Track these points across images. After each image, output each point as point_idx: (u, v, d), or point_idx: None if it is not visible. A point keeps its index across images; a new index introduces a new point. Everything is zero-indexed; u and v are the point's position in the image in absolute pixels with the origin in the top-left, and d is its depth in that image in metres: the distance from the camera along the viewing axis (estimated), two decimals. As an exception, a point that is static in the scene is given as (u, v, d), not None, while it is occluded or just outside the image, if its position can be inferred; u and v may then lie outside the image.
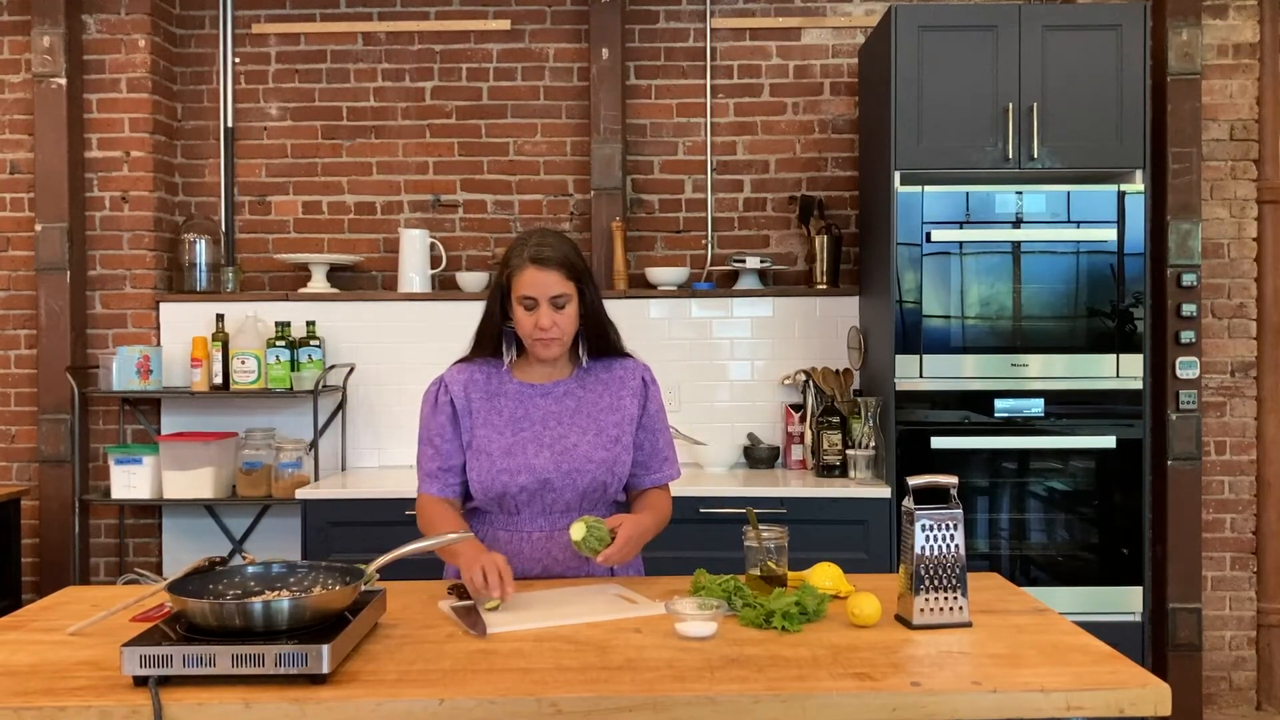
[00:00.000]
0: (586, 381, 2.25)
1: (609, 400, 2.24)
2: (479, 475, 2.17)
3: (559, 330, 2.14)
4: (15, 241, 4.06)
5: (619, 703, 1.49)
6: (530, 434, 2.18)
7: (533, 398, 2.22)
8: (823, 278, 3.97)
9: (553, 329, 2.13)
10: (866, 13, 4.12)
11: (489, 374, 2.24)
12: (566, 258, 2.14)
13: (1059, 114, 3.42)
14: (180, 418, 4.07)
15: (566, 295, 2.13)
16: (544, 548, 2.20)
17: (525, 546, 2.19)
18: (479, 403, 2.21)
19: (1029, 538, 3.52)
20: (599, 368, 2.27)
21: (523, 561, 2.18)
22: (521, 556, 2.19)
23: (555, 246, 2.14)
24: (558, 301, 2.12)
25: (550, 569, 2.20)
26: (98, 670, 1.62)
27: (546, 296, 2.12)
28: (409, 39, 4.19)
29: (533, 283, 2.11)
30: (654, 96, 4.17)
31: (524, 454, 2.16)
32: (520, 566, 2.18)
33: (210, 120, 4.21)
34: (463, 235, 4.18)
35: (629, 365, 2.29)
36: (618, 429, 2.21)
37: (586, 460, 2.17)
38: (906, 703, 1.49)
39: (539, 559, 2.20)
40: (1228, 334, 4.00)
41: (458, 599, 1.97)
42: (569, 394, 2.23)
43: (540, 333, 2.13)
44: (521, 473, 2.15)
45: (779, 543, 2.02)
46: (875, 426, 3.58)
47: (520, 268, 2.12)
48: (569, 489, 2.17)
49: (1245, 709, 4.00)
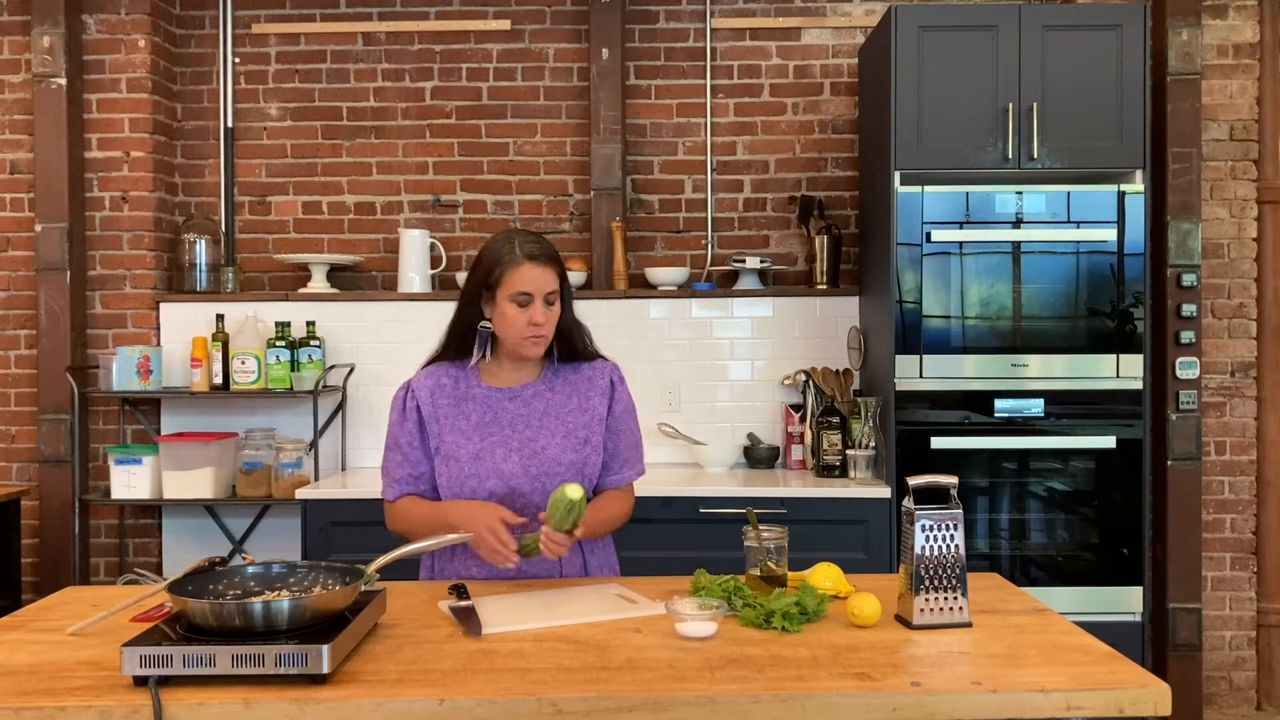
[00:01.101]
0: (555, 384, 2.25)
1: (578, 401, 2.23)
2: (448, 481, 2.17)
3: (550, 327, 2.16)
4: (15, 241, 4.06)
5: (619, 703, 1.49)
6: (499, 438, 2.17)
7: (501, 401, 2.21)
8: (823, 278, 3.97)
9: (545, 325, 2.14)
10: (866, 13, 4.12)
11: (456, 378, 2.23)
12: (556, 255, 2.18)
13: (1059, 114, 3.42)
14: (180, 418, 4.07)
15: (556, 293, 2.16)
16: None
17: None
18: (446, 408, 2.20)
19: (1029, 538, 3.52)
20: (567, 370, 2.27)
21: (495, 569, 2.15)
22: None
23: (544, 244, 2.17)
24: (549, 298, 2.14)
25: (526, 573, 2.17)
26: (98, 670, 1.62)
27: (542, 293, 2.13)
28: (409, 39, 4.19)
29: (529, 279, 2.12)
30: (654, 96, 4.17)
31: (492, 459, 2.15)
32: (497, 571, 2.15)
33: (210, 120, 4.21)
34: (463, 235, 4.18)
35: (598, 366, 2.28)
36: (587, 430, 2.20)
37: (555, 463, 2.16)
38: (906, 703, 1.49)
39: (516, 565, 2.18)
40: (1228, 334, 4.00)
41: (457, 599, 1.97)
42: (538, 396, 2.22)
43: (534, 329, 2.13)
44: (490, 478, 2.14)
45: (779, 543, 2.02)
46: (875, 427, 3.58)
47: (515, 264, 2.12)
48: (538, 493, 2.15)
49: (1245, 709, 4.00)
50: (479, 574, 2.20)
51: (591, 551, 2.27)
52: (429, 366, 2.27)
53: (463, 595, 1.98)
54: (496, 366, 2.25)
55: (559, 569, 2.20)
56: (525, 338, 2.15)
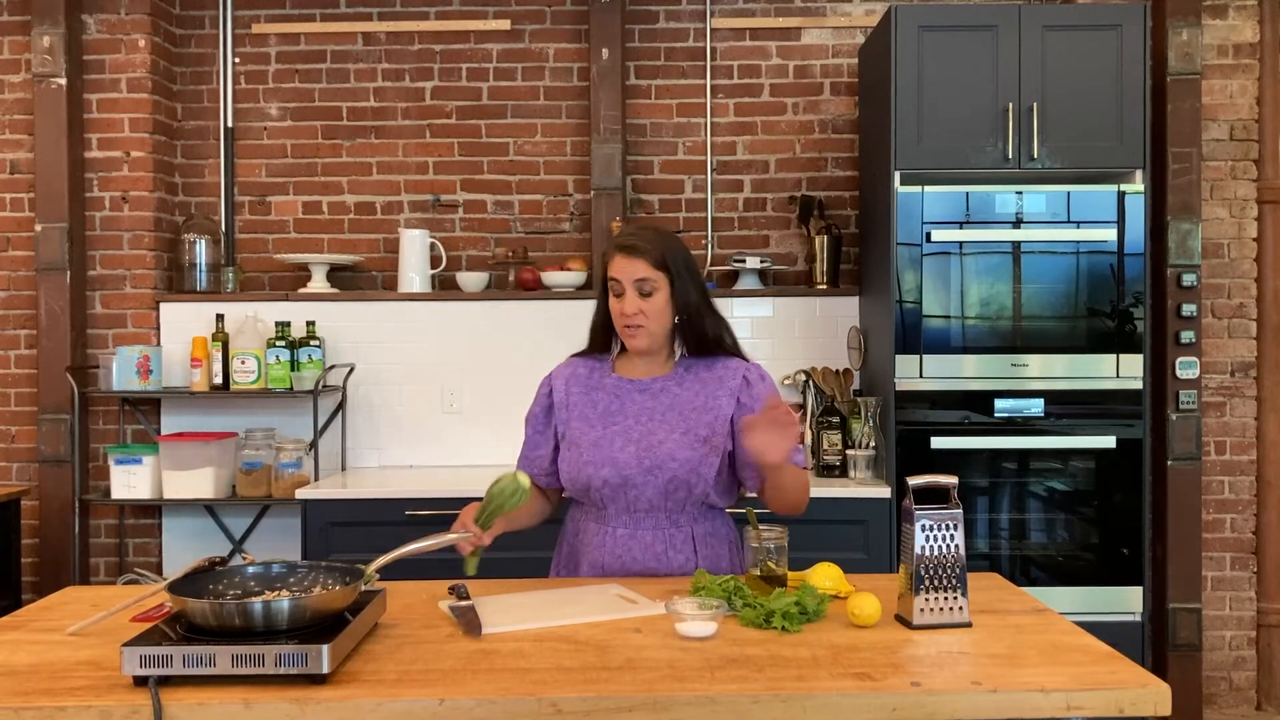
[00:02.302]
0: (685, 379, 2.25)
1: (704, 400, 2.22)
2: (567, 466, 2.22)
3: (644, 318, 2.16)
4: (15, 241, 4.06)
5: (619, 703, 1.49)
6: (620, 428, 2.21)
7: (630, 393, 2.24)
8: (823, 278, 3.97)
9: (637, 315, 2.15)
10: (866, 13, 4.12)
11: (592, 368, 2.30)
12: (655, 246, 2.16)
13: (1059, 114, 3.42)
14: (180, 418, 4.07)
15: (652, 282, 2.15)
16: (625, 545, 2.20)
17: (609, 541, 2.20)
18: (577, 395, 2.26)
19: (1029, 538, 3.52)
20: (700, 366, 2.26)
21: (605, 556, 2.20)
22: (604, 551, 2.20)
23: (645, 237, 2.19)
24: (642, 287, 2.15)
25: (629, 567, 2.19)
26: (98, 670, 1.62)
27: (631, 280, 2.15)
28: (409, 39, 4.19)
29: (618, 267, 2.16)
30: (654, 96, 4.17)
31: (610, 447, 2.18)
32: (603, 561, 2.19)
33: (210, 120, 4.21)
34: (463, 235, 4.18)
35: (733, 364, 2.26)
36: (708, 429, 2.19)
37: (669, 458, 2.15)
38: (906, 703, 1.49)
39: (619, 555, 2.20)
40: (1228, 334, 4.00)
41: (457, 599, 1.97)
42: (665, 391, 2.24)
43: (625, 319, 2.16)
44: (605, 466, 2.17)
45: (779, 543, 2.01)
46: (875, 426, 3.58)
47: (610, 254, 2.19)
48: (650, 485, 2.16)
49: (1245, 709, 4.00)
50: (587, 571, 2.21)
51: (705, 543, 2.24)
52: (573, 357, 2.35)
53: (462, 596, 1.98)
54: (629, 359, 2.29)
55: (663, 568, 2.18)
56: (622, 327, 2.19)
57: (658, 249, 2.16)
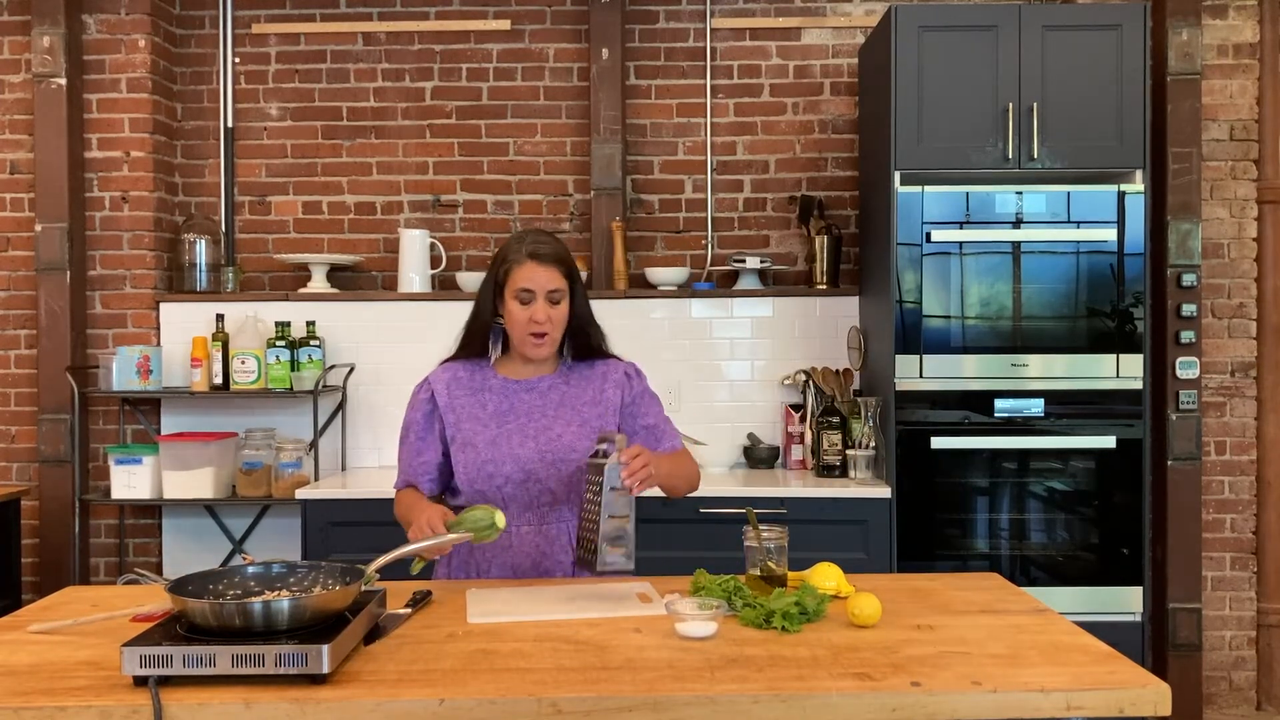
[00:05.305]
0: (570, 377, 2.30)
1: (592, 394, 2.27)
2: (465, 468, 2.21)
3: (552, 325, 2.19)
4: (15, 241, 4.06)
5: (619, 703, 1.49)
6: (515, 426, 2.22)
7: (517, 392, 2.26)
8: (823, 278, 3.97)
9: (546, 323, 2.18)
10: (866, 13, 4.12)
11: (472, 371, 2.29)
12: (562, 255, 2.22)
13: (1059, 114, 3.42)
14: (180, 418, 4.07)
15: (561, 291, 2.19)
16: (534, 542, 2.21)
17: (515, 542, 2.21)
18: (463, 398, 2.26)
19: (1029, 538, 3.52)
20: (583, 366, 2.32)
21: (515, 557, 2.20)
22: (513, 552, 2.21)
23: (551, 244, 2.23)
24: (553, 296, 2.19)
25: (541, 564, 2.21)
26: (98, 670, 1.62)
27: (544, 290, 2.18)
28: (409, 39, 4.19)
29: (531, 276, 2.17)
30: (654, 96, 4.17)
31: (509, 444, 2.19)
32: (514, 563, 2.20)
33: (210, 120, 4.21)
34: (463, 235, 4.18)
35: (612, 363, 2.33)
36: (601, 420, 2.25)
37: (570, 450, 2.19)
38: (906, 703, 1.49)
39: (529, 554, 2.21)
40: (1228, 334, 4.00)
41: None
42: (553, 388, 2.27)
43: (535, 326, 2.18)
44: (506, 463, 2.18)
45: (779, 543, 2.02)
46: (875, 427, 3.58)
47: (519, 262, 2.19)
48: (553, 479, 2.19)
49: (1245, 709, 4.00)
50: (496, 573, 2.22)
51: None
52: (447, 362, 2.33)
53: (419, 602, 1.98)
54: (510, 360, 2.30)
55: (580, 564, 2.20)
56: (526, 335, 2.19)
57: (565, 258, 2.22)
